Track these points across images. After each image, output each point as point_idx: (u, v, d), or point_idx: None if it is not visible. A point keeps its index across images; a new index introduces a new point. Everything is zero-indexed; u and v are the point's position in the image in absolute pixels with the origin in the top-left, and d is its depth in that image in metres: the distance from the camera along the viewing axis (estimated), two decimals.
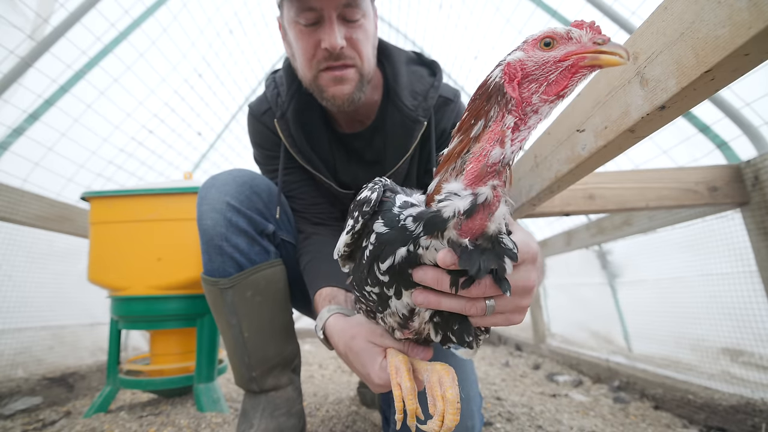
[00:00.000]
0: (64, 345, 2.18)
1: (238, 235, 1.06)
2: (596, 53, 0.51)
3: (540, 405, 1.70)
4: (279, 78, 1.21)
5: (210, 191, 1.07)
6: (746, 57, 0.52)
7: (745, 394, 1.45)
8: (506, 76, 0.56)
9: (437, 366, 0.66)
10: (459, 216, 0.53)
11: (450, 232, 0.54)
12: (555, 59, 0.53)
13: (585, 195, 1.47)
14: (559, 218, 2.65)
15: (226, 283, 1.06)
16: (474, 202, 0.53)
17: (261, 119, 1.22)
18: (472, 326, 0.62)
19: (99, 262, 1.63)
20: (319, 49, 1.00)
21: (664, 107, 0.65)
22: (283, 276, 1.16)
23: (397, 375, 0.66)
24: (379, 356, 0.74)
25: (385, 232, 0.60)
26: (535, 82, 0.55)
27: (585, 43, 0.52)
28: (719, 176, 1.46)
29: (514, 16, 2.39)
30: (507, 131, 0.54)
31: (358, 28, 1.01)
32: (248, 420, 1.08)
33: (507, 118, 0.55)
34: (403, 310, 0.64)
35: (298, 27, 1.01)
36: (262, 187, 1.15)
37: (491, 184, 0.54)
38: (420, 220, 0.57)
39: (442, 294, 0.59)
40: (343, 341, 0.81)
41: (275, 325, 1.12)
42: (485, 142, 0.55)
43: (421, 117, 1.12)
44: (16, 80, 1.68)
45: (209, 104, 3.04)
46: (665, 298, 2.02)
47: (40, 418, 1.57)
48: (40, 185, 1.98)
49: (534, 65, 0.54)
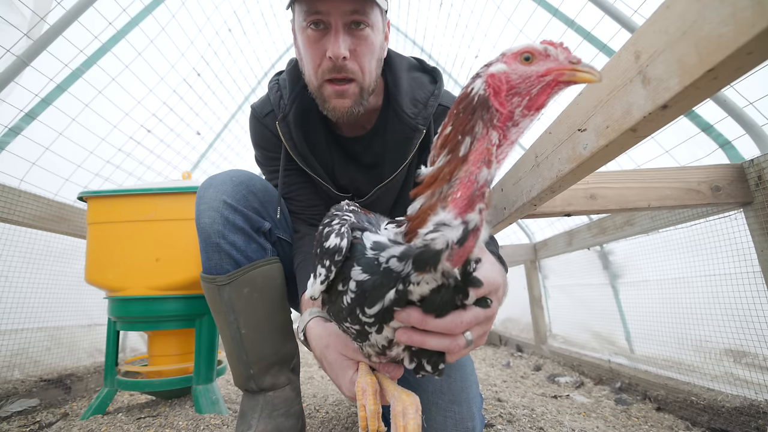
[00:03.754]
0: (61, 346, 2.17)
1: (235, 232, 1.08)
2: (573, 71, 0.53)
3: (541, 406, 1.69)
4: (282, 80, 1.22)
5: (208, 191, 1.10)
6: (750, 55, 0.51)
7: (749, 395, 1.43)
8: (491, 88, 0.54)
9: (403, 396, 0.66)
10: (452, 247, 0.52)
11: (443, 264, 0.53)
12: (538, 73, 0.54)
13: (586, 195, 1.45)
14: (560, 218, 2.64)
15: (223, 280, 1.07)
16: (466, 230, 0.52)
17: (263, 121, 1.24)
18: (444, 356, 0.64)
19: (97, 263, 1.62)
20: (324, 59, 1.01)
21: (667, 106, 0.63)
22: (280, 273, 1.16)
23: (363, 396, 0.67)
24: (350, 369, 0.75)
25: (366, 279, 0.59)
26: (518, 95, 0.54)
27: (562, 60, 0.54)
28: (722, 176, 1.45)
29: (515, 15, 2.38)
30: (492, 149, 0.53)
31: (363, 40, 1.02)
32: (246, 421, 1.07)
33: (492, 134, 0.53)
34: (382, 342, 0.64)
35: (306, 34, 1.02)
36: (258, 186, 1.17)
37: (478, 208, 0.52)
38: (407, 258, 0.55)
39: (427, 333, 0.60)
40: (318, 348, 0.82)
41: (272, 323, 1.13)
42: (471, 165, 0.53)
43: (420, 125, 1.13)
44: (13, 79, 1.66)
45: (208, 103, 3.04)
46: (667, 298, 2.01)
47: (37, 420, 1.56)
48: (37, 185, 1.97)
49: (518, 78, 0.54)
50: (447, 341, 0.60)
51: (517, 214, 1.39)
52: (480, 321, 0.62)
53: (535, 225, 3.36)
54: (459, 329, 0.59)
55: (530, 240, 3.44)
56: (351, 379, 0.74)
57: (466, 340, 0.60)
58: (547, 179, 1.08)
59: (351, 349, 0.76)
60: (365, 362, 0.74)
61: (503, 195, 1.43)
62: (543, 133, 1.11)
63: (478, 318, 0.61)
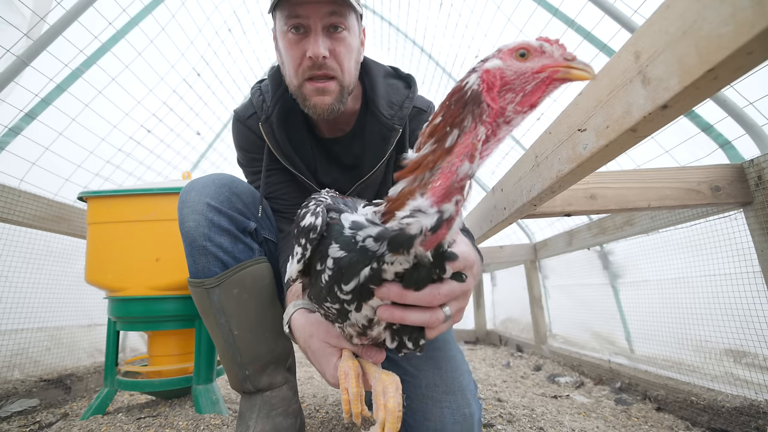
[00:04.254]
0: (61, 346, 2.17)
1: (221, 234, 1.08)
2: (568, 68, 0.54)
3: (541, 406, 1.69)
4: (264, 86, 1.26)
5: (190, 195, 1.09)
6: (750, 55, 0.51)
7: (749, 395, 1.43)
8: (485, 84, 0.55)
9: (383, 375, 0.68)
10: (426, 233, 0.53)
11: (416, 248, 0.55)
12: (533, 70, 0.54)
13: (586, 195, 1.45)
14: (560, 218, 2.64)
15: (211, 283, 1.07)
16: (440, 219, 0.53)
17: (246, 123, 1.27)
18: (425, 332, 0.66)
19: (96, 263, 1.62)
20: (305, 59, 1.05)
21: (667, 106, 0.64)
22: (269, 273, 1.17)
23: (346, 380, 0.69)
24: (333, 357, 0.77)
25: (343, 256, 0.60)
26: (512, 91, 0.55)
27: (557, 57, 0.54)
28: (722, 176, 1.45)
29: (515, 15, 2.38)
30: (477, 144, 0.54)
31: (341, 42, 1.07)
32: (245, 422, 1.08)
33: (479, 129, 0.54)
34: (362, 321, 0.66)
35: (287, 37, 1.07)
36: (241, 188, 1.18)
37: (455, 200, 0.54)
38: (382, 239, 0.56)
39: (407, 308, 0.62)
40: (302, 338, 0.83)
41: (264, 322, 1.13)
42: (455, 156, 0.53)
43: (396, 125, 1.19)
44: (13, 79, 1.66)
45: (208, 103, 3.04)
46: (667, 298, 2.01)
47: (37, 420, 1.56)
48: (37, 185, 1.97)
49: (513, 75, 0.55)
50: (427, 315, 0.62)
51: (517, 214, 1.39)
52: (456, 295, 0.64)
53: (535, 225, 3.36)
54: (437, 301, 0.62)
55: (530, 240, 3.45)
56: (335, 365, 0.75)
57: (444, 315, 0.64)
58: (547, 179, 1.08)
59: (333, 336, 0.77)
60: (348, 348, 0.76)
61: (503, 195, 1.42)
62: (543, 133, 1.12)
63: (455, 291, 0.63)
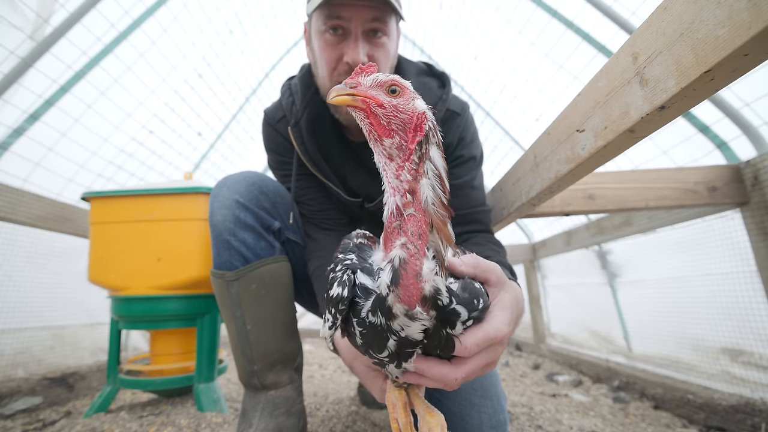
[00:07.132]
0: (64, 345, 2.18)
1: (245, 230, 1.10)
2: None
3: (540, 405, 1.70)
4: (294, 86, 1.24)
5: (222, 190, 1.13)
6: (746, 57, 0.52)
7: (745, 393, 1.45)
8: (430, 122, 0.60)
9: (428, 417, 0.67)
10: (390, 289, 0.51)
11: (397, 308, 0.52)
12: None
13: (585, 195, 1.47)
14: (559, 218, 2.66)
15: (231, 276, 1.10)
16: (394, 269, 0.52)
17: (276, 126, 1.28)
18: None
19: (99, 263, 1.63)
20: (341, 63, 1.05)
21: (664, 107, 0.64)
22: (287, 272, 1.18)
23: (394, 410, 0.69)
24: (378, 379, 0.78)
25: (363, 332, 0.60)
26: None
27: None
28: (719, 176, 1.46)
29: (515, 17, 2.39)
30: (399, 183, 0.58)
31: (380, 48, 1.06)
32: (248, 419, 1.09)
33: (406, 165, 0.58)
34: (396, 374, 0.65)
35: (324, 38, 1.05)
36: (270, 187, 1.19)
37: (398, 244, 0.53)
38: (375, 311, 0.55)
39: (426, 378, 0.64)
40: (347, 359, 0.86)
41: (278, 320, 1.14)
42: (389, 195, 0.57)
43: None
44: (17, 80, 1.68)
45: (209, 104, 3.04)
46: (665, 297, 2.02)
47: (41, 418, 1.57)
48: (41, 185, 1.98)
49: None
50: (443, 384, 0.64)
51: (516, 214, 1.41)
52: (477, 371, 0.64)
53: (534, 225, 3.37)
54: (454, 385, 0.62)
55: (529, 240, 3.46)
56: (381, 388, 0.77)
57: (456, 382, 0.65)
58: (546, 179, 1.09)
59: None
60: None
61: (502, 195, 1.44)
62: (542, 134, 1.13)
63: (475, 370, 0.64)
